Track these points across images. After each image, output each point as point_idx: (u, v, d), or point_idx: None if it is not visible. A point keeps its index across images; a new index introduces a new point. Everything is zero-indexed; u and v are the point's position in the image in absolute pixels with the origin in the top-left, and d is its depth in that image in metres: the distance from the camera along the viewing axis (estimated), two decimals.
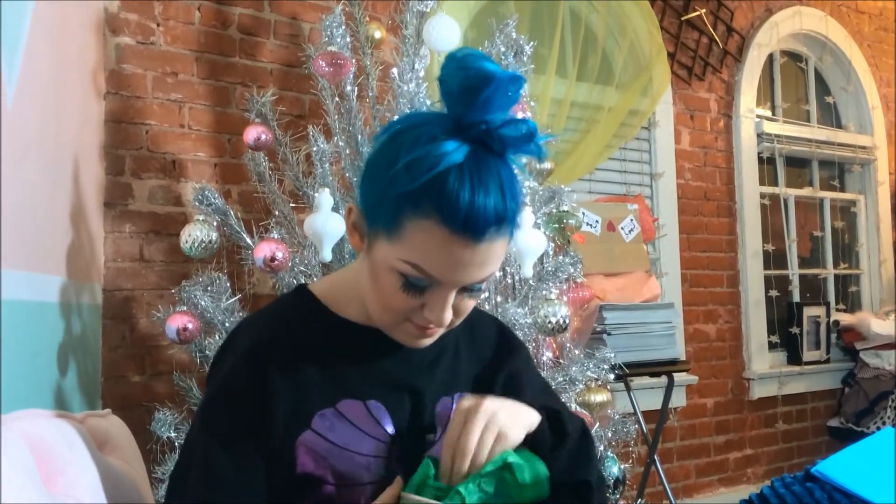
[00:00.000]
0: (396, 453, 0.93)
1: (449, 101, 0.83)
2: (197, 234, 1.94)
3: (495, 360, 1.07)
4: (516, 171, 0.88)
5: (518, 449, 0.90)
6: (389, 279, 0.87)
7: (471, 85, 0.80)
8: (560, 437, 0.95)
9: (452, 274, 0.85)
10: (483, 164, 0.83)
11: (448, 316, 0.89)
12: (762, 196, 3.95)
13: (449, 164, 0.81)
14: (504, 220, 0.84)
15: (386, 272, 0.88)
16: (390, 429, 0.93)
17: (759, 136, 3.94)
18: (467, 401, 0.89)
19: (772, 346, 3.94)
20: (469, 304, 0.92)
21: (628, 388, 2.87)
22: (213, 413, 0.92)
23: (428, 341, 0.94)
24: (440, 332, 0.94)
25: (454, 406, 0.98)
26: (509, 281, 2.07)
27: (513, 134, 0.83)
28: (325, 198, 1.89)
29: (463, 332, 1.05)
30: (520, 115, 2.04)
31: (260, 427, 0.89)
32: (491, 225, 0.83)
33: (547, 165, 2.28)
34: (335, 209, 1.91)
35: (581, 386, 2.06)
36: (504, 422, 0.88)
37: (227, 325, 1.93)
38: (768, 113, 4.13)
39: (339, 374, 0.94)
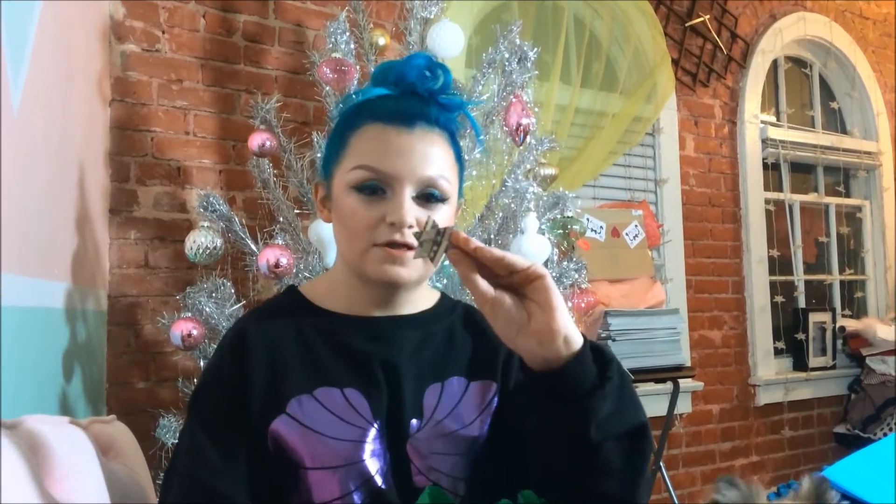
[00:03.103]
0: (376, 439, 0.93)
1: (377, 83, 0.99)
2: (201, 240, 1.95)
3: (496, 339, 1.05)
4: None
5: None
6: (348, 202, 0.94)
7: (388, 66, 0.99)
8: (602, 369, 0.83)
9: (395, 162, 0.92)
10: (411, 96, 0.97)
11: (408, 215, 0.91)
12: (767, 202, 3.94)
13: (378, 93, 0.98)
14: (432, 118, 0.95)
15: (345, 197, 0.95)
16: (369, 416, 0.94)
17: (763, 141, 3.94)
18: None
19: (777, 352, 3.93)
20: (435, 218, 0.93)
21: None
22: (200, 400, 0.96)
23: (402, 271, 0.93)
24: (411, 259, 0.93)
25: (442, 392, 0.98)
26: None
27: (432, 83, 0.96)
28: None
29: (460, 319, 1.06)
30: (524, 121, 2.05)
31: (242, 410, 0.92)
32: (419, 115, 0.94)
33: (551, 171, 2.28)
34: None
35: None
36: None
37: None
38: (773, 119, 4.12)
39: (318, 362, 0.96)
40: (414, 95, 0.96)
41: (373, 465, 0.92)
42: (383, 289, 0.97)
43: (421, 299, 1.04)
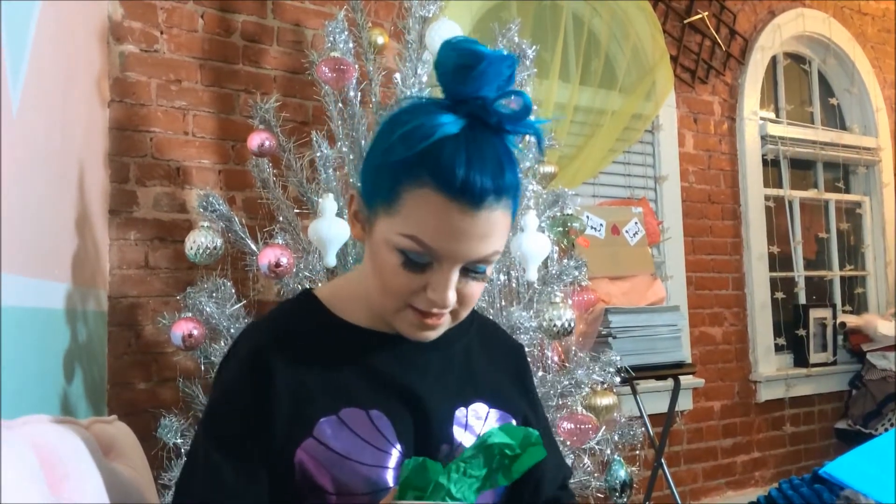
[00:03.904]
0: (400, 463, 0.90)
1: (444, 80, 0.85)
2: (202, 240, 1.95)
3: (516, 378, 1.05)
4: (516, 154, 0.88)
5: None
6: (390, 258, 0.86)
7: (464, 63, 0.82)
8: None
9: (451, 245, 0.83)
10: (480, 137, 0.84)
11: (451, 297, 0.86)
12: (767, 198, 3.94)
13: (444, 133, 0.82)
14: (503, 189, 0.83)
15: (386, 251, 0.86)
16: (393, 440, 0.91)
17: (762, 138, 3.94)
18: None
19: (778, 348, 3.93)
20: (474, 290, 0.89)
21: (634, 392, 2.87)
22: (216, 418, 0.91)
23: (432, 334, 0.91)
24: (444, 324, 0.91)
25: (468, 417, 0.96)
26: (514, 285, 2.07)
27: (508, 109, 0.84)
28: (328, 203, 1.89)
29: (477, 338, 1.03)
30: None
31: (262, 431, 0.88)
32: (489, 192, 0.82)
33: (551, 169, 2.28)
34: (339, 214, 1.92)
35: (587, 389, 2.05)
36: None
37: (232, 331, 1.93)
38: (772, 115, 4.12)
39: (342, 380, 0.92)
40: (483, 125, 0.84)
41: None
42: None
43: None
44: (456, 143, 0.82)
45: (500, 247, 0.87)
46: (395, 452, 0.90)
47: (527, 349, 1.92)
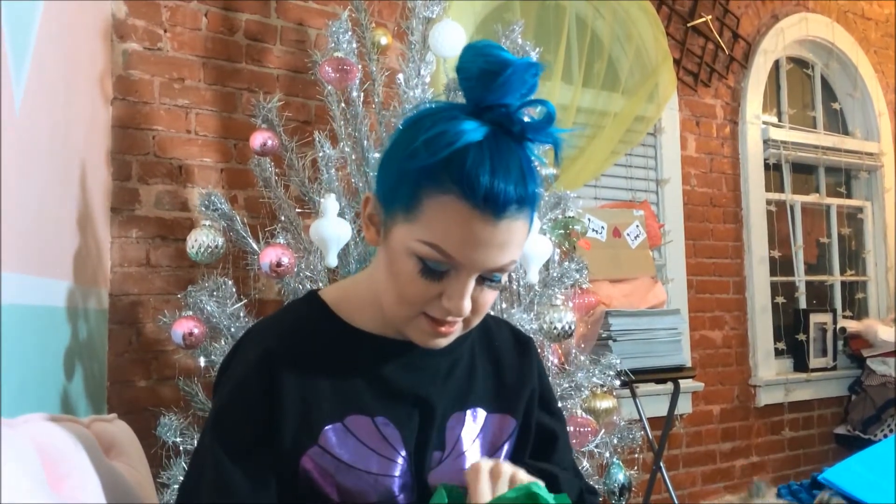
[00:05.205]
0: (405, 471, 0.90)
1: (467, 86, 0.83)
2: (203, 239, 1.95)
3: (518, 372, 1.03)
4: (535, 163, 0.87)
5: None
6: (407, 265, 0.85)
7: (489, 69, 0.81)
8: None
9: (472, 254, 0.82)
10: (503, 145, 0.83)
11: (467, 305, 0.85)
12: (768, 202, 3.94)
13: (468, 140, 0.81)
14: (525, 200, 0.83)
15: (403, 258, 0.85)
16: (399, 447, 0.90)
17: (765, 142, 3.93)
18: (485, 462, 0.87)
19: (778, 352, 3.93)
20: (489, 298, 0.89)
21: (634, 395, 2.87)
22: (224, 423, 0.90)
23: (443, 341, 0.90)
24: (456, 331, 0.90)
25: (464, 423, 0.95)
26: (515, 287, 2.07)
27: (531, 118, 0.84)
28: (330, 203, 1.89)
29: (479, 340, 1.02)
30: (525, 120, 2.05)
31: (270, 438, 0.87)
32: (512, 201, 0.81)
33: (552, 171, 2.28)
34: (341, 214, 1.92)
35: (586, 392, 2.05)
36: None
37: (232, 330, 1.93)
38: (774, 119, 4.12)
39: (348, 387, 0.91)
40: (506, 133, 0.84)
41: (404, 501, 0.89)
42: None
43: None
44: (480, 151, 0.81)
45: (517, 256, 0.87)
46: (401, 460, 0.90)
47: None
